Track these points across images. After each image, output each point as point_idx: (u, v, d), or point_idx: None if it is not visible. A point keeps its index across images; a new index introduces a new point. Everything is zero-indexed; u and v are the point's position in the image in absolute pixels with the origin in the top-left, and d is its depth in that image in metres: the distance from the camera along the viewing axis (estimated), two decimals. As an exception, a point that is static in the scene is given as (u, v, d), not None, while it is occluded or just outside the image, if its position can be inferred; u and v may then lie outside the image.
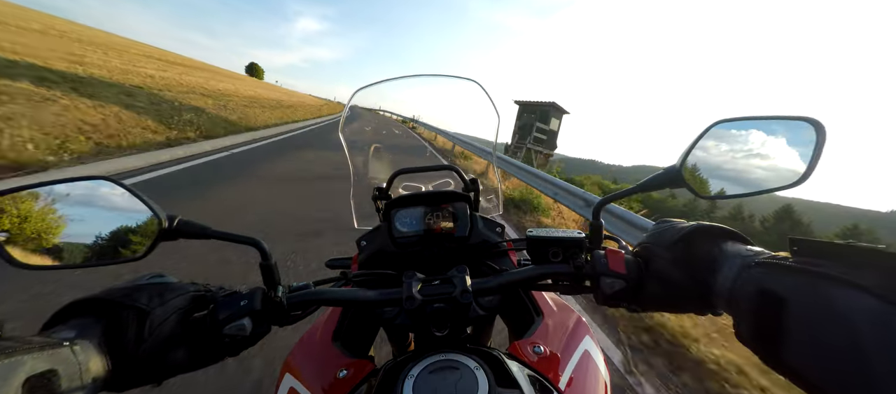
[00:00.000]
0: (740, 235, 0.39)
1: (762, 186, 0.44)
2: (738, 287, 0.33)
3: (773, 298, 0.29)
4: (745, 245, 0.38)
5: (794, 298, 0.28)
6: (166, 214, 0.40)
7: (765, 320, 0.30)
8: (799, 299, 0.27)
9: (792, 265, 0.29)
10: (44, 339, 0.30)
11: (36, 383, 0.26)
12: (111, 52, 18.48)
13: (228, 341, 0.41)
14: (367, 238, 0.80)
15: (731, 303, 0.34)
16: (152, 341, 0.36)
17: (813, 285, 0.27)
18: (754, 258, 0.34)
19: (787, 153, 0.43)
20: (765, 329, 0.30)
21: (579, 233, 0.51)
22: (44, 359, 0.27)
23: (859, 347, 0.23)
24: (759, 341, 0.30)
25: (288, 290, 0.46)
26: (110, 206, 0.40)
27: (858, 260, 0.26)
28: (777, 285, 0.29)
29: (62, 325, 0.33)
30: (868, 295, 0.24)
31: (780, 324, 0.28)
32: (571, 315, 0.65)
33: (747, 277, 0.33)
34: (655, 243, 0.43)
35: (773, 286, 0.30)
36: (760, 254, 0.35)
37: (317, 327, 0.66)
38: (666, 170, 0.45)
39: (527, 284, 0.52)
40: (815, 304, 0.26)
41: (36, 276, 1.97)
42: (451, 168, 0.93)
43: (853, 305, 0.24)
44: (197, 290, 0.42)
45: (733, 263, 0.35)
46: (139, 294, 0.37)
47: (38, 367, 0.26)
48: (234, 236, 0.43)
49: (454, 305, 0.49)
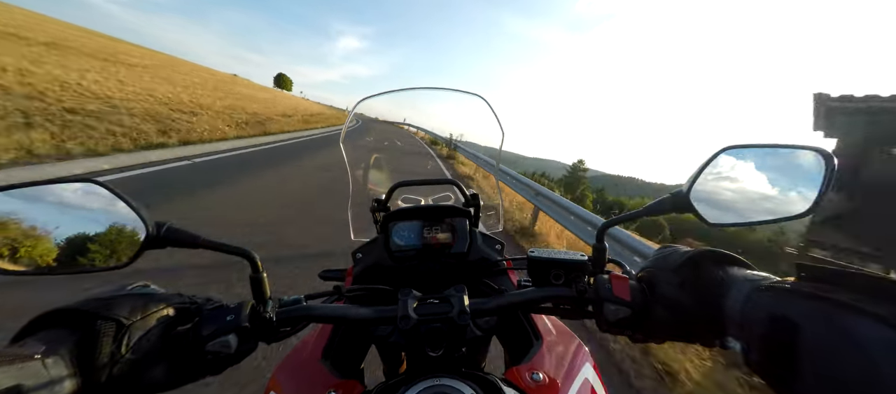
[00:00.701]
0: (743, 260, 0.38)
1: (769, 215, 0.44)
2: (749, 311, 0.32)
3: (785, 324, 0.28)
4: (749, 270, 0.37)
5: (807, 325, 0.27)
6: (154, 222, 0.38)
7: (777, 347, 0.29)
8: (813, 327, 0.26)
9: (804, 291, 0.29)
10: (13, 351, 0.28)
11: None
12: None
13: (211, 358, 0.38)
14: (363, 250, 0.78)
15: (742, 328, 0.33)
16: (129, 357, 0.34)
17: (827, 313, 0.26)
18: (763, 282, 0.33)
19: (794, 182, 0.43)
20: (777, 357, 0.29)
21: (582, 255, 0.50)
22: (10, 373, 0.26)
23: (877, 379, 0.22)
24: (771, 368, 0.29)
25: (277, 304, 0.44)
26: (96, 210, 0.38)
27: (871, 288, 0.25)
28: (789, 311, 0.28)
29: (33, 337, 0.31)
30: (885, 326, 0.23)
31: (793, 352, 0.27)
32: (572, 341, 0.63)
33: (758, 302, 0.32)
34: (660, 268, 0.42)
35: (785, 312, 0.29)
36: (768, 278, 0.34)
37: (306, 342, 0.64)
38: (673, 194, 0.44)
39: (527, 307, 0.50)
40: (829, 332, 0.25)
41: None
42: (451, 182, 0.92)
43: (870, 335, 0.23)
44: (181, 302, 0.40)
45: (742, 286, 0.34)
46: (120, 305, 0.35)
47: (4, 382, 0.25)
48: (225, 246, 0.41)
49: (451, 325, 0.47)
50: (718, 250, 0.39)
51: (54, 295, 1.32)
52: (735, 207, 0.43)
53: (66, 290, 1.99)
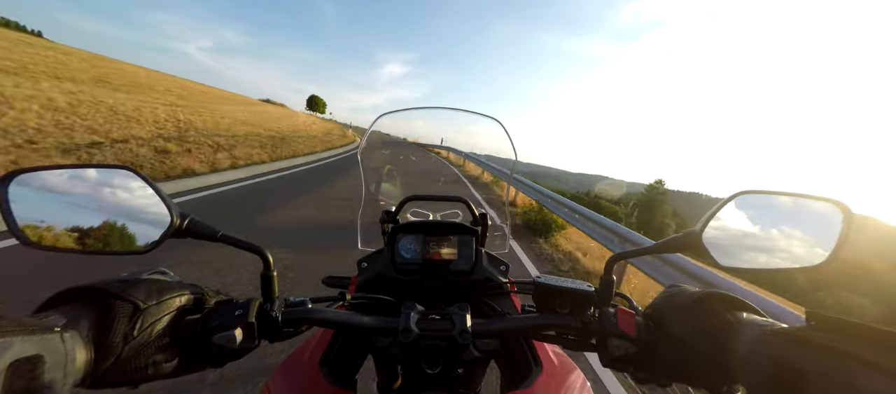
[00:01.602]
0: (751, 305, 0.38)
1: (783, 263, 0.43)
2: (755, 357, 0.32)
3: (790, 370, 0.28)
4: (758, 315, 0.37)
5: (813, 373, 0.27)
6: (180, 212, 0.40)
7: (781, 393, 0.28)
8: (819, 375, 0.26)
9: (811, 338, 0.28)
10: (37, 321, 0.29)
11: (21, 366, 0.25)
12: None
13: (215, 350, 0.39)
14: (369, 260, 0.79)
15: (747, 373, 0.33)
16: (140, 339, 0.35)
17: (833, 363, 0.26)
18: (770, 328, 0.33)
19: (811, 232, 0.42)
20: None
21: (589, 286, 0.49)
22: (33, 343, 0.27)
23: None
24: None
25: (283, 304, 0.45)
26: (127, 196, 0.40)
27: (880, 342, 0.25)
28: (795, 358, 0.28)
29: (55, 310, 0.32)
30: (893, 381, 0.23)
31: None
32: (572, 371, 0.62)
33: (764, 347, 0.32)
34: (667, 306, 0.42)
35: (791, 359, 0.29)
36: (776, 324, 0.34)
37: (306, 346, 0.64)
38: (686, 233, 0.44)
39: (530, 333, 0.50)
40: (835, 382, 0.25)
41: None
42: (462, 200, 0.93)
43: (877, 389, 0.23)
44: (194, 292, 0.41)
45: (749, 330, 0.34)
46: (137, 288, 0.36)
47: (26, 350, 0.26)
48: (241, 242, 0.42)
49: (451, 343, 0.47)
50: (728, 294, 0.39)
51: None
52: (748, 251, 0.43)
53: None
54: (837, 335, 0.27)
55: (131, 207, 0.40)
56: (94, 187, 0.39)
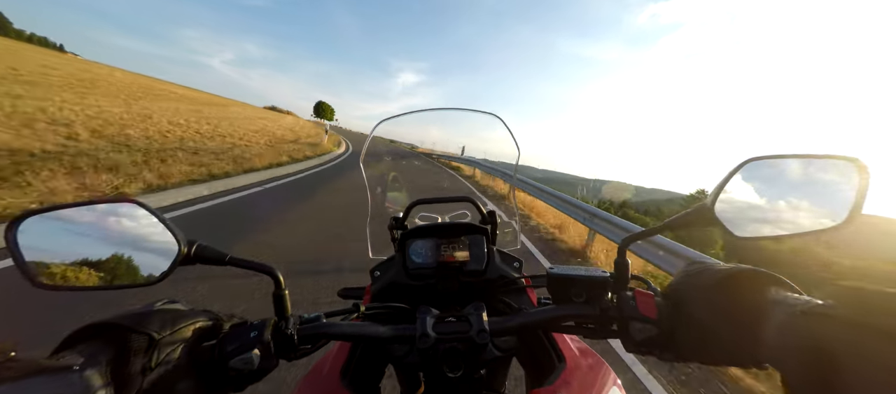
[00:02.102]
0: (783, 279, 0.36)
1: (801, 229, 0.42)
2: (785, 339, 0.30)
3: (823, 353, 0.27)
4: (789, 291, 0.35)
5: (849, 353, 0.25)
6: (187, 240, 0.40)
7: (816, 378, 0.27)
8: (855, 356, 0.25)
9: (845, 317, 0.27)
10: (55, 362, 0.29)
11: None
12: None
13: (234, 374, 0.39)
14: (381, 268, 0.78)
15: (780, 357, 0.31)
16: (159, 370, 0.35)
17: (866, 340, 0.25)
18: (802, 307, 0.31)
19: (827, 194, 0.41)
20: (815, 387, 0.27)
21: (603, 272, 0.49)
22: (52, 384, 0.27)
23: None
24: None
25: (298, 321, 0.45)
26: (133, 228, 0.40)
27: None
28: (827, 339, 0.27)
29: (72, 349, 0.32)
30: None
31: (838, 384, 0.25)
32: (597, 362, 0.61)
33: (795, 328, 0.30)
34: (690, 286, 0.40)
35: (823, 340, 0.27)
36: (807, 302, 0.32)
37: (324, 361, 0.63)
38: (696, 207, 0.43)
39: (548, 326, 0.49)
40: (873, 362, 0.24)
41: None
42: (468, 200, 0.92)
43: None
44: (207, 318, 0.41)
45: (779, 311, 0.32)
46: (151, 320, 0.36)
47: (46, 391, 0.26)
48: (251, 264, 0.42)
49: (470, 345, 0.47)
50: (755, 269, 0.38)
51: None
52: (763, 219, 0.42)
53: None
54: (863, 308, 0.26)
55: (139, 238, 0.40)
56: (100, 223, 0.40)
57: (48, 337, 0.39)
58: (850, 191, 0.39)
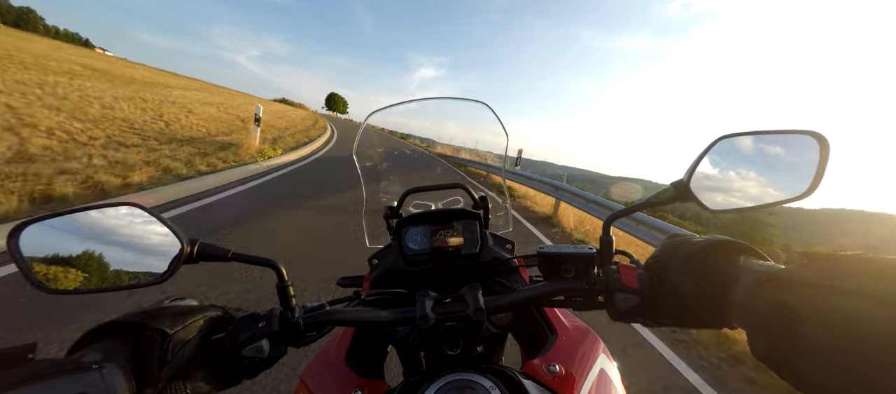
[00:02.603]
0: (754, 249, 0.39)
1: (768, 199, 0.45)
2: (752, 303, 0.33)
3: (787, 311, 0.29)
4: (758, 259, 0.38)
5: (807, 312, 0.28)
6: (188, 238, 0.41)
7: (779, 335, 0.30)
8: (813, 313, 0.27)
9: (805, 279, 0.29)
10: (74, 361, 0.31)
11: None
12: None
13: (247, 363, 0.41)
14: (379, 257, 0.81)
15: (746, 318, 0.34)
16: (174, 363, 0.36)
17: (826, 298, 0.27)
18: (767, 272, 0.34)
19: (792, 166, 0.44)
20: (779, 344, 0.30)
21: (590, 248, 0.51)
22: (75, 383, 0.28)
23: (876, 361, 0.23)
24: (774, 356, 0.30)
25: (303, 310, 0.47)
26: (134, 230, 0.41)
27: (868, 271, 0.26)
28: (791, 299, 0.29)
29: (89, 348, 0.34)
30: (881, 304, 0.24)
31: (796, 339, 0.28)
32: (586, 333, 0.65)
33: (761, 292, 0.33)
34: (669, 258, 0.43)
35: (786, 300, 0.30)
36: (773, 268, 0.35)
37: (330, 346, 0.66)
38: (673, 184, 0.45)
39: (540, 301, 0.52)
40: (829, 317, 0.26)
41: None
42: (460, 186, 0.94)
43: (869, 318, 0.24)
44: (216, 311, 0.43)
45: (747, 278, 0.35)
46: (162, 317, 0.38)
47: (69, 390, 0.27)
48: (253, 258, 0.44)
49: (467, 323, 0.49)
50: (727, 240, 0.41)
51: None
52: (735, 192, 0.45)
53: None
54: (829, 271, 0.28)
55: (141, 240, 0.41)
56: (102, 226, 0.41)
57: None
58: (813, 163, 0.42)
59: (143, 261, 0.42)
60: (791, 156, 0.44)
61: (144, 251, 0.42)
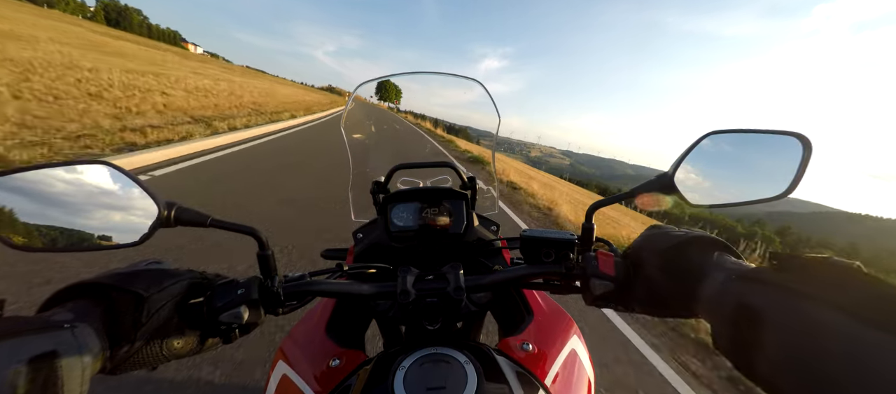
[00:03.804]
0: (730, 247, 0.40)
1: (749, 197, 0.46)
2: (720, 299, 0.34)
3: (751, 310, 0.30)
4: (732, 257, 0.39)
5: (771, 312, 0.29)
6: (165, 201, 0.40)
7: (742, 332, 0.31)
8: (776, 314, 0.28)
9: (771, 280, 0.30)
10: (44, 319, 0.30)
11: (38, 363, 0.26)
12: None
13: (224, 328, 0.41)
14: (364, 231, 0.81)
15: (712, 312, 0.35)
16: (149, 326, 0.36)
17: (790, 301, 0.28)
18: (738, 271, 0.35)
19: (774, 166, 0.45)
20: (741, 340, 0.31)
21: (572, 235, 0.52)
22: (45, 340, 0.28)
23: (831, 363, 0.24)
24: (735, 351, 0.32)
25: (284, 280, 0.47)
26: (110, 191, 0.40)
27: (833, 276, 0.27)
28: (756, 299, 0.30)
29: (60, 307, 0.33)
30: (842, 314, 0.24)
31: (756, 336, 0.29)
32: (561, 315, 0.67)
33: (729, 289, 0.34)
34: (646, 249, 0.44)
35: (752, 299, 0.31)
36: (744, 266, 0.36)
37: (311, 316, 0.67)
38: (658, 176, 0.46)
39: (519, 283, 0.53)
40: (791, 320, 0.27)
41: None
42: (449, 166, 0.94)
43: (827, 322, 0.25)
44: (193, 277, 0.43)
45: (718, 274, 0.36)
46: (136, 279, 0.37)
47: (40, 347, 0.27)
48: (233, 225, 0.43)
49: (447, 300, 0.50)
50: (704, 236, 0.42)
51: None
52: (716, 189, 0.45)
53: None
54: (796, 273, 0.29)
55: (117, 201, 0.40)
56: (75, 185, 0.39)
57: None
58: (794, 164, 0.43)
59: (119, 223, 0.41)
60: (774, 156, 0.45)
61: (120, 213, 0.41)
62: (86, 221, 0.39)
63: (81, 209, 0.39)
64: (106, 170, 0.39)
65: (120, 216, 0.40)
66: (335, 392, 0.46)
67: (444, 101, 6.02)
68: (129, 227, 0.40)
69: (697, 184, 0.46)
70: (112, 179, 0.40)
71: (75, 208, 0.39)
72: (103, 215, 0.40)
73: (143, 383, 1.57)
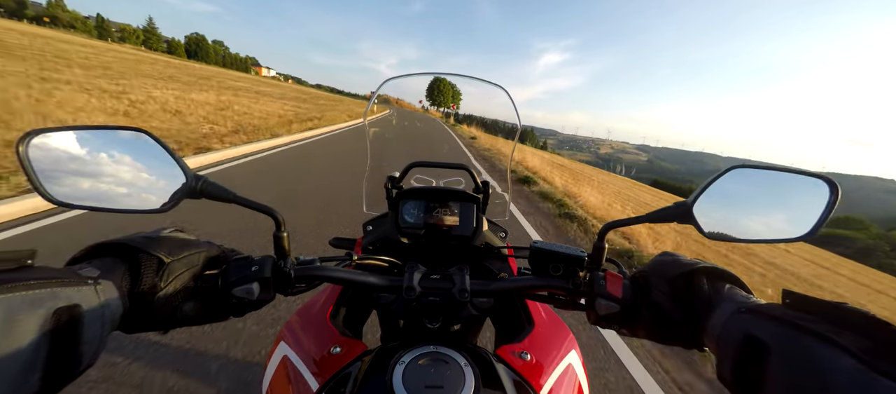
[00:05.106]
0: (740, 280, 0.40)
1: (766, 235, 0.45)
2: (727, 330, 0.34)
3: (756, 345, 0.30)
4: (742, 290, 0.39)
5: (777, 347, 0.29)
6: (193, 174, 0.42)
7: (746, 366, 0.31)
8: (781, 350, 0.28)
9: (780, 316, 0.30)
10: (72, 273, 0.32)
11: (62, 314, 0.28)
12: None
13: (236, 302, 0.43)
14: (374, 223, 0.82)
15: (718, 344, 0.35)
16: (167, 290, 0.38)
17: (797, 339, 0.28)
18: (746, 304, 0.35)
19: (796, 207, 0.44)
20: (745, 374, 0.31)
21: (582, 251, 0.52)
22: (71, 293, 0.29)
23: None
24: (738, 384, 0.32)
25: (296, 262, 0.48)
26: (143, 157, 0.41)
27: (845, 320, 0.27)
28: (763, 333, 0.30)
29: (87, 263, 0.35)
30: (848, 355, 0.24)
31: (761, 371, 0.29)
32: (561, 328, 0.67)
33: (736, 322, 0.34)
34: (656, 274, 0.44)
35: (758, 334, 0.31)
36: (754, 301, 0.36)
37: (314, 302, 0.68)
38: (677, 204, 0.46)
39: (524, 293, 0.54)
40: (796, 357, 0.27)
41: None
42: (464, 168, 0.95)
43: (833, 363, 0.25)
44: (211, 249, 0.44)
45: (727, 307, 0.36)
46: (159, 244, 0.39)
47: (65, 300, 0.28)
48: (254, 204, 0.44)
49: (450, 301, 0.51)
50: (715, 267, 0.41)
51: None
52: (734, 223, 0.45)
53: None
54: (807, 313, 0.29)
55: (147, 167, 0.42)
56: (110, 148, 0.41)
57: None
58: (818, 207, 0.42)
59: (147, 188, 0.42)
60: (798, 197, 0.44)
61: (151, 179, 0.42)
62: (119, 182, 0.41)
63: (114, 171, 0.41)
64: (143, 137, 0.41)
65: (150, 182, 0.42)
66: (335, 379, 0.47)
67: (505, 99, 5.79)
68: (158, 193, 0.42)
69: (715, 216, 0.45)
70: (147, 147, 0.41)
71: (109, 170, 0.41)
72: (135, 180, 0.42)
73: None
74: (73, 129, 0.39)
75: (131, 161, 0.42)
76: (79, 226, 2.72)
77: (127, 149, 0.42)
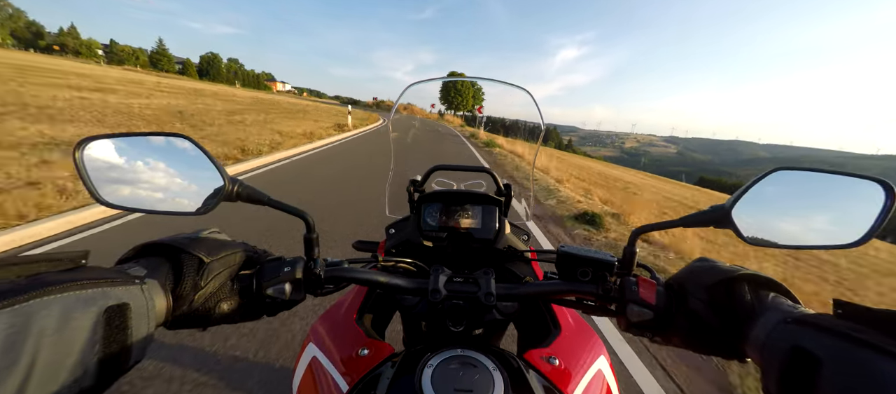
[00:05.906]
0: (784, 287, 0.38)
1: (813, 242, 0.43)
2: (772, 341, 0.33)
3: (806, 357, 0.29)
4: (787, 299, 0.37)
5: (829, 361, 0.27)
6: (231, 178, 0.44)
7: (795, 379, 0.29)
8: (835, 364, 0.27)
9: (832, 327, 0.29)
10: (122, 273, 0.34)
11: (113, 313, 0.29)
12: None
13: (269, 301, 0.44)
14: (397, 226, 0.83)
15: (762, 355, 0.34)
16: (207, 289, 0.39)
17: (852, 352, 0.26)
18: (793, 314, 0.33)
19: (847, 212, 0.42)
20: (793, 388, 0.29)
21: (611, 256, 0.51)
22: (121, 292, 0.31)
23: None
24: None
25: (325, 264, 0.49)
26: (184, 161, 0.44)
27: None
28: (813, 345, 0.29)
29: (135, 262, 0.37)
30: None
31: (812, 386, 0.28)
32: (589, 334, 0.65)
33: (783, 333, 0.32)
34: (692, 281, 0.43)
35: (808, 345, 0.29)
36: (802, 311, 0.34)
37: (341, 303, 0.69)
38: (713, 208, 0.44)
39: (551, 298, 0.53)
40: (852, 371, 0.26)
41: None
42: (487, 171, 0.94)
43: (890, 375, 0.24)
44: (246, 250, 0.46)
45: (772, 315, 0.34)
46: (200, 245, 0.41)
47: (117, 298, 0.30)
48: (286, 207, 0.46)
49: (475, 305, 0.51)
50: (757, 275, 0.39)
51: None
52: (776, 228, 0.43)
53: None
54: (861, 324, 0.27)
55: (188, 172, 0.44)
56: (155, 153, 0.43)
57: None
58: (871, 211, 0.39)
59: (187, 191, 0.44)
60: (848, 201, 0.41)
61: (191, 183, 0.45)
62: (162, 186, 0.44)
63: (158, 176, 0.43)
64: (184, 143, 0.43)
65: (191, 186, 0.44)
66: (364, 381, 0.47)
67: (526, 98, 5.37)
68: (197, 196, 0.44)
69: (756, 220, 0.43)
70: (188, 151, 0.43)
71: (153, 175, 0.43)
72: (177, 183, 0.44)
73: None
74: (122, 136, 0.42)
75: (174, 165, 0.44)
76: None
77: (169, 154, 0.44)
